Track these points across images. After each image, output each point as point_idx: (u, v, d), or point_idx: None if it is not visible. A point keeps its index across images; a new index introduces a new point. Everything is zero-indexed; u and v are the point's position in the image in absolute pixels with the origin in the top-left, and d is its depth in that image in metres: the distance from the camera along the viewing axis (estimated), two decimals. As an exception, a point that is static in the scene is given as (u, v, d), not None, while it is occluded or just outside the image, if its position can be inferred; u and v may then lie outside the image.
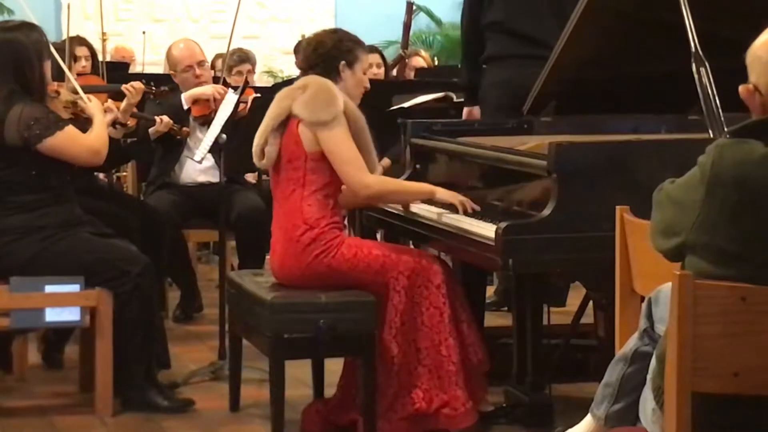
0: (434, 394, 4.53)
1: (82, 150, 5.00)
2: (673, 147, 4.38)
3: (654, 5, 4.69)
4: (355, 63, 4.75)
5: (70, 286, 4.86)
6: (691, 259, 2.97)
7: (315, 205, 4.58)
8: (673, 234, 3.00)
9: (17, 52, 4.92)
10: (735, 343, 2.82)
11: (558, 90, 5.09)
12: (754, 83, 2.97)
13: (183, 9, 12.14)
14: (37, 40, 4.99)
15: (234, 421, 4.90)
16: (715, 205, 2.89)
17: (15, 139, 4.85)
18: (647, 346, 3.32)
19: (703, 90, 4.35)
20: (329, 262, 4.54)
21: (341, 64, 4.71)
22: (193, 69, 6.74)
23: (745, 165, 2.86)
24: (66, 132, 4.92)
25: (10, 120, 4.85)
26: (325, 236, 4.55)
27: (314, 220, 4.56)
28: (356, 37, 4.86)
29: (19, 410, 5.08)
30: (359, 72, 4.77)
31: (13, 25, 5.10)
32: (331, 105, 4.58)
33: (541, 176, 4.34)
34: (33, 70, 4.94)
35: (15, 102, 4.87)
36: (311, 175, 4.60)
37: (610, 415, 3.44)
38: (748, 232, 2.87)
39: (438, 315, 4.55)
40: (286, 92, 4.72)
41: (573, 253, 4.21)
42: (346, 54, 4.73)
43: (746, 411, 2.89)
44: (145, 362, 4.99)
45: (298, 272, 4.57)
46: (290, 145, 4.63)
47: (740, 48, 3.19)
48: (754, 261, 2.87)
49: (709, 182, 2.88)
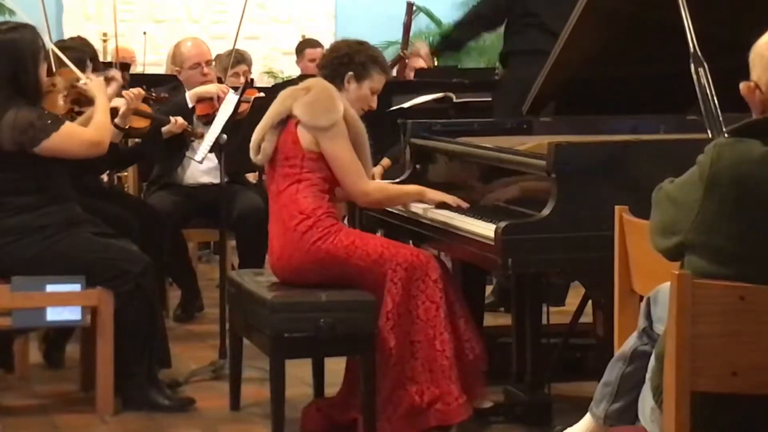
0: (426, 388, 4.53)
1: (81, 144, 4.98)
2: (672, 147, 4.39)
3: (653, 6, 4.70)
4: (365, 79, 4.75)
5: (71, 286, 4.87)
6: (689, 258, 2.97)
7: (310, 197, 4.61)
8: (672, 233, 3.00)
9: (12, 55, 4.89)
10: (733, 343, 2.83)
11: (557, 90, 5.10)
12: (755, 81, 2.98)
13: (183, 10, 12.14)
14: (33, 42, 4.95)
15: (234, 420, 4.91)
16: (714, 204, 2.89)
17: (10, 145, 4.83)
18: (646, 345, 3.32)
19: (701, 90, 4.36)
20: (327, 247, 4.56)
21: (349, 74, 4.72)
22: (201, 67, 6.74)
23: (744, 164, 2.86)
24: (63, 130, 4.90)
25: (5, 125, 4.82)
26: (321, 223, 4.58)
27: (310, 210, 4.59)
28: (381, 57, 4.86)
29: (21, 409, 5.08)
30: (366, 89, 4.77)
31: (8, 27, 5.05)
32: (330, 111, 4.60)
33: (541, 176, 4.34)
34: (28, 72, 4.91)
35: (9, 106, 4.85)
36: (308, 173, 4.63)
37: (609, 414, 3.44)
38: (746, 230, 2.87)
39: (434, 309, 4.55)
40: (290, 92, 4.74)
41: (572, 253, 4.21)
42: (358, 67, 4.73)
43: (745, 410, 2.90)
44: (145, 361, 4.99)
45: (297, 261, 4.59)
46: (288, 143, 4.65)
47: (738, 49, 3.20)
48: (752, 259, 2.87)
49: (708, 181, 2.89)
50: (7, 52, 4.90)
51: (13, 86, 4.89)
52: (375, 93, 4.82)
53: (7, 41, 4.91)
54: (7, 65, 4.89)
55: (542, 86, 5.06)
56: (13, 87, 4.89)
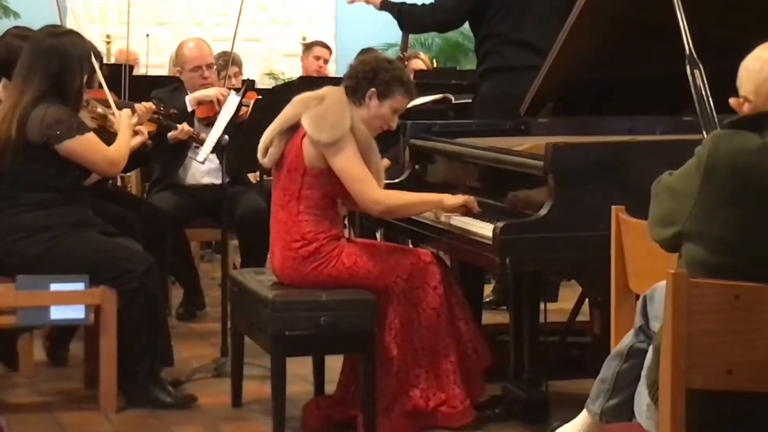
0: (432, 393, 4.56)
1: (100, 159, 5.05)
2: (668, 148, 4.40)
3: (649, 9, 4.71)
4: (387, 98, 4.60)
5: (75, 285, 4.88)
6: (687, 246, 2.99)
7: (312, 221, 4.55)
8: (670, 223, 3.02)
9: (63, 61, 4.96)
10: (728, 341, 2.85)
11: (554, 92, 5.11)
12: (743, 95, 3.03)
13: (186, 12, 12.18)
14: (83, 51, 5.05)
15: (236, 417, 4.92)
16: (712, 193, 2.91)
17: (36, 137, 4.89)
18: (642, 342, 3.35)
19: (697, 92, 4.37)
20: (329, 272, 4.55)
21: (371, 90, 4.60)
22: (201, 70, 6.71)
23: (741, 154, 2.89)
24: (87, 137, 4.97)
25: (34, 118, 4.89)
26: (324, 248, 4.55)
27: (312, 235, 4.55)
28: (407, 78, 4.70)
29: (25, 406, 5.09)
30: (387, 108, 4.62)
31: (62, 31, 5.17)
32: (335, 127, 4.48)
33: (538, 176, 4.36)
34: (74, 79, 4.99)
35: (44, 102, 4.91)
36: (306, 190, 4.56)
37: (605, 411, 3.47)
38: (743, 219, 2.90)
39: (435, 316, 4.57)
40: (304, 98, 4.62)
41: (569, 252, 4.23)
42: (382, 84, 4.59)
43: (739, 407, 2.92)
44: (148, 359, 5.00)
45: (297, 280, 4.59)
46: (292, 153, 4.58)
47: (734, 50, 3.23)
48: (749, 249, 2.90)
49: (706, 170, 2.91)
50: (59, 55, 4.97)
51: (56, 88, 4.96)
52: (396, 113, 4.68)
53: (61, 45, 4.99)
54: (56, 66, 4.96)
55: (540, 88, 5.06)
56: (56, 88, 4.96)
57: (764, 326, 2.84)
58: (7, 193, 4.96)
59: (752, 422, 2.94)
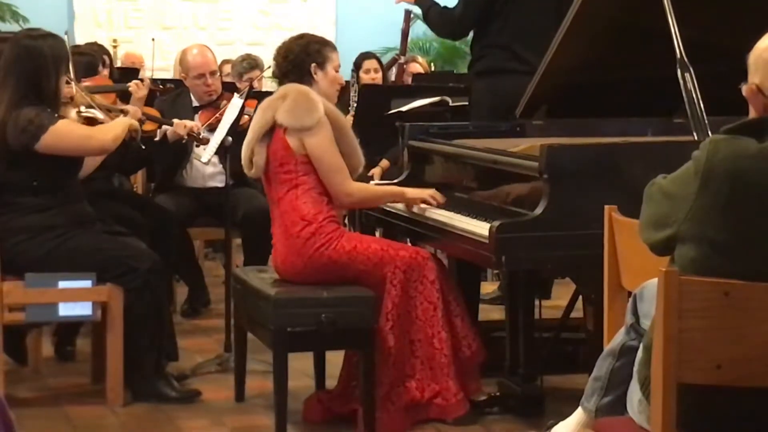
0: (426, 384, 4.62)
1: (79, 138, 5.00)
2: (659, 149, 4.46)
3: (641, 14, 4.75)
4: (326, 63, 4.82)
5: (83, 282, 4.92)
6: (681, 248, 2.96)
7: (310, 202, 4.65)
8: (663, 226, 2.99)
9: (37, 61, 4.93)
10: (718, 337, 2.84)
11: (549, 94, 5.14)
12: (758, 84, 2.98)
13: (191, 17, 12.27)
14: (59, 52, 5.01)
15: (239, 411, 4.96)
16: (709, 197, 2.88)
17: (16, 144, 4.88)
18: (634, 340, 3.36)
19: (688, 94, 4.44)
20: (330, 254, 4.62)
21: (312, 66, 4.79)
22: (205, 78, 6.65)
23: (740, 159, 2.86)
24: (58, 125, 4.91)
25: (11, 124, 4.88)
26: (324, 229, 4.64)
27: (311, 216, 4.64)
28: (322, 38, 4.95)
29: (34, 400, 5.13)
30: (331, 71, 4.84)
31: (38, 34, 5.09)
32: (312, 111, 4.64)
33: (533, 177, 4.41)
34: (49, 80, 4.95)
35: (20, 107, 4.89)
36: (303, 176, 4.67)
37: (600, 408, 3.50)
38: (740, 224, 2.87)
39: (432, 309, 4.63)
40: (268, 103, 4.78)
41: (563, 251, 4.28)
42: (316, 56, 4.80)
43: (728, 401, 2.93)
44: (154, 355, 5.04)
45: (300, 266, 4.65)
46: (279, 150, 4.69)
47: (723, 54, 3.27)
48: (744, 252, 2.88)
49: (704, 175, 2.87)
50: (33, 56, 4.94)
51: (33, 90, 4.94)
52: (337, 70, 4.89)
53: (36, 47, 4.96)
54: (30, 68, 4.94)
55: (535, 90, 5.10)
56: (32, 91, 4.94)
57: (753, 322, 2.83)
58: (5, 200, 4.98)
59: (740, 415, 2.94)
